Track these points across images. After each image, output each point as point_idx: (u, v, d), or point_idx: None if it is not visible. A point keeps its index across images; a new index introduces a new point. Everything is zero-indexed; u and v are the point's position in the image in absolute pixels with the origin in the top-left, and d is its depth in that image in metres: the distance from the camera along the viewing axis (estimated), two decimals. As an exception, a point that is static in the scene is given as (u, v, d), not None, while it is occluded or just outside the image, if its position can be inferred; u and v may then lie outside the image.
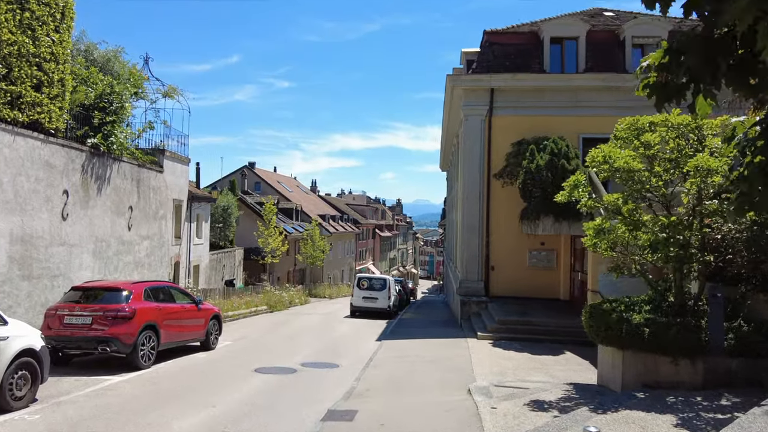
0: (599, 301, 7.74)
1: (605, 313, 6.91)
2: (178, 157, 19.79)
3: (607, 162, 6.64)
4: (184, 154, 20.37)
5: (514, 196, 15.43)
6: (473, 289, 15.84)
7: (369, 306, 19.68)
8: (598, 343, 7.23)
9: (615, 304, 7.17)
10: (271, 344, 12.00)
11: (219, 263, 24.92)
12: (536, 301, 15.38)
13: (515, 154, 15.32)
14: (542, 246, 16.02)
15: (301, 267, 39.26)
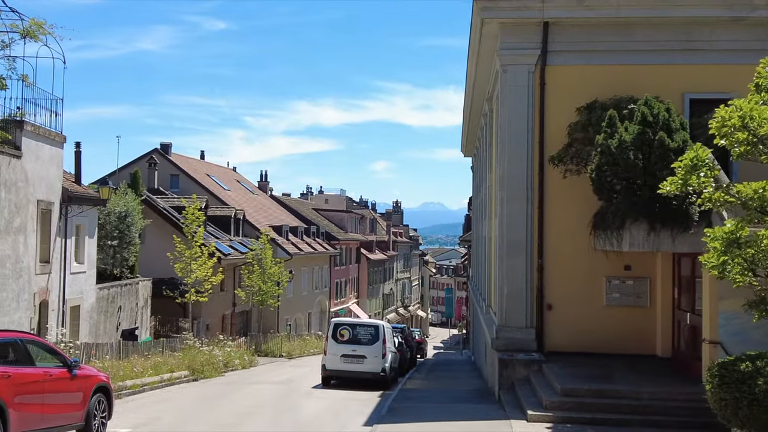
0: (731, 359, 7.36)
1: (746, 377, 6.53)
2: (45, 133, 19.43)
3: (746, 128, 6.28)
4: (55, 129, 20.01)
5: (582, 193, 15.04)
6: (519, 342, 15.46)
7: (352, 369, 19.34)
8: (735, 427, 6.85)
9: (762, 362, 6.80)
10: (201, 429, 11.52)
11: (112, 303, 24.45)
12: (619, 358, 15.00)
13: (584, 125, 14.99)
14: (628, 272, 15.65)
15: (243, 308, 38.90)
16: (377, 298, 70.06)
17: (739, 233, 6.79)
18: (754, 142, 6.53)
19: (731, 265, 6.92)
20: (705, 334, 12.52)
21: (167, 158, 44.98)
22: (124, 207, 25.89)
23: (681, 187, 7.08)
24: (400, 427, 12.40)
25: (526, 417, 12.09)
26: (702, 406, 12.06)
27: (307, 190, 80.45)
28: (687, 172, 6.97)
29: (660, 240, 12.79)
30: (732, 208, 7.34)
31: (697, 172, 6.92)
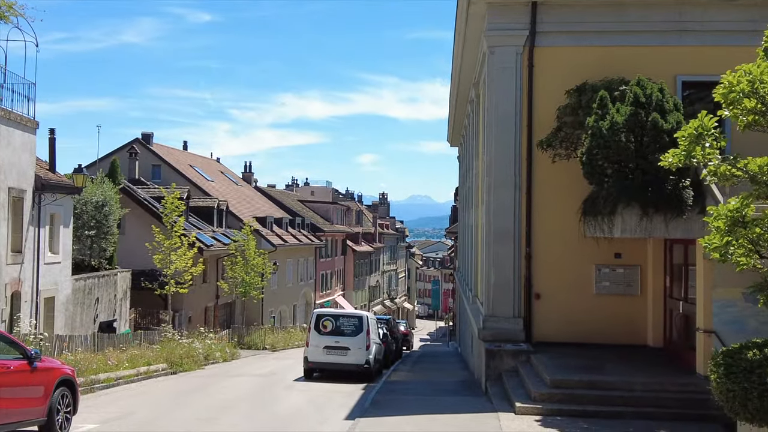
0: (736, 347, 6.89)
1: (755, 366, 6.06)
2: (17, 119, 18.73)
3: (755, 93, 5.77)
4: (28, 115, 19.32)
5: (571, 178, 14.71)
6: (506, 332, 15.12)
7: (335, 361, 18.89)
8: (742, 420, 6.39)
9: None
10: (173, 426, 11.07)
11: (89, 295, 23.79)
12: (609, 348, 14.74)
13: (573, 108, 14.59)
14: (618, 260, 15.39)
15: (227, 300, 38.32)
16: (363, 291, 69.59)
17: (744, 211, 6.30)
18: (763, 111, 6.02)
19: (735, 246, 6.42)
20: (699, 323, 12.17)
21: (149, 148, 44.16)
22: (102, 196, 25.17)
23: (684, 159, 6.58)
24: (383, 420, 11.92)
25: (514, 409, 11.76)
26: (696, 397, 11.76)
27: (293, 182, 79.77)
28: (691, 143, 6.46)
29: (653, 225, 12.37)
30: (736, 184, 6.82)
31: (702, 142, 6.41)
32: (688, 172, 12.37)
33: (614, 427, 10.63)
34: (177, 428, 11.16)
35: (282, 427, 11.36)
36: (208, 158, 57.16)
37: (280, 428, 11.28)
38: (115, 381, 16.19)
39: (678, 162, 6.68)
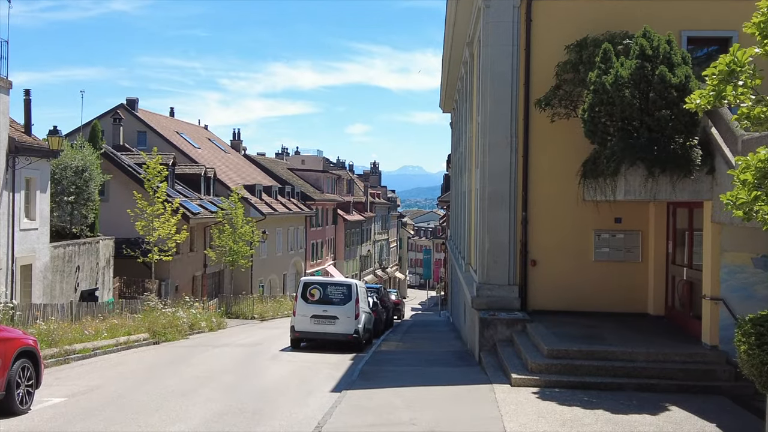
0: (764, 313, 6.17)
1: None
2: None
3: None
4: None
5: (571, 138, 14.14)
6: (501, 300, 14.58)
7: (323, 331, 18.25)
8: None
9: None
10: (138, 404, 10.29)
11: (69, 262, 22.98)
12: (608, 317, 14.30)
13: (574, 64, 13.89)
14: (618, 225, 14.89)
15: (215, 270, 37.61)
16: (354, 260, 68.97)
17: (777, 161, 5.51)
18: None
19: (763, 202, 5.65)
20: (705, 290, 11.54)
21: (134, 114, 43.01)
22: (82, 161, 24.22)
23: (713, 100, 5.77)
24: (371, 393, 11.27)
25: (510, 381, 11.18)
26: (702, 368, 11.16)
27: (283, 151, 78.62)
28: (721, 81, 5.64)
29: (659, 187, 11.63)
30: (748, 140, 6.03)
31: (734, 80, 5.60)
32: (696, 129, 11.66)
33: (616, 399, 10.04)
34: (148, 402, 10.43)
35: (262, 401, 10.65)
36: (196, 125, 56.00)
37: (259, 402, 10.57)
38: (92, 351, 15.44)
39: (706, 104, 5.87)
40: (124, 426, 8.89)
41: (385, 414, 9.45)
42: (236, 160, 53.87)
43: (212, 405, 10.24)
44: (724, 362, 11.10)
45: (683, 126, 11.49)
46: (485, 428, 8.57)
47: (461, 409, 9.72)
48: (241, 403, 10.42)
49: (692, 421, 9.01)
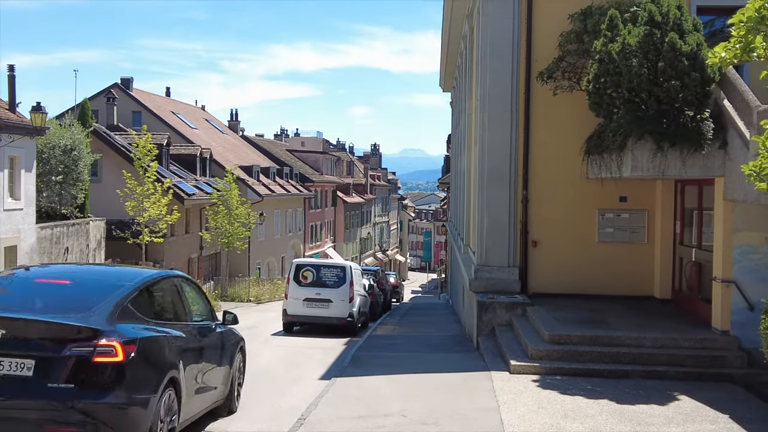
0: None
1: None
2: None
3: None
4: (-24, 46, 17.58)
5: (574, 113, 13.49)
6: (500, 282, 14.01)
7: (316, 314, 17.69)
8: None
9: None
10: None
11: (57, 244, 22.35)
12: (612, 300, 13.68)
13: (578, 34, 13.19)
14: (623, 203, 14.27)
15: (212, 252, 37.04)
16: (354, 242, 68.43)
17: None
18: None
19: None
20: (716, 271, 10.88)
21: (128, 93, 42.26)
22: (70, 140, 23.54)
23: (740, 53, 5.05)
24: (362, 380, 10.68)
25: (509, 368, 10.58)
26: (713, 354, 10.50)
27: (282, 132, 77.79)
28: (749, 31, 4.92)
29: (668, 162, 10.93)
30: None
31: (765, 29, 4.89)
32: (708, 101, 10.97)
33: (622, 388, 9.44)
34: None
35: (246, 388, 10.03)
36: (193, 105, 55.23)
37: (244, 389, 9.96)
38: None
39: (732, 57, 5.16)
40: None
41: (375, 404, 8.84)
42: (234, 140, 53.17)
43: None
44: (735, 348, 10.47)
45: (694, 97, 10.78)
46: (481, 420, 7.97)
47: (456, 399, 9.11)
48: (223, 392, 9.83)
49: (703, 412, 8.42)
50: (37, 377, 5.57)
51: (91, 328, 5.75)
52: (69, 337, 5.69)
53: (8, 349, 5.61)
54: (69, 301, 6.28)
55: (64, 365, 5.61)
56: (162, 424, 6.18)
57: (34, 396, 5.54)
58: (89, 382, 5.63)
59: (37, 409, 5.54)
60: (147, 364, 6.08)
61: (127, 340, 5.88)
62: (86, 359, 5.63)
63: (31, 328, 5.76)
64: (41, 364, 5.61)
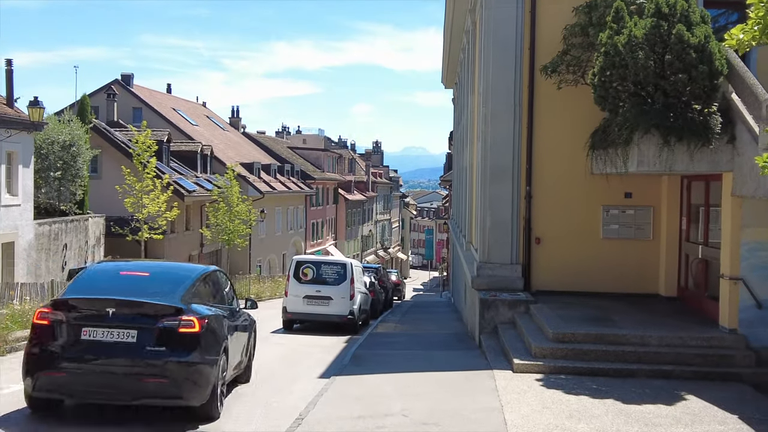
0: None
1: None
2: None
3: None
4: (-28, 40, 17.39)
5: (578, 107, 13.30)
6: (503, 280, 13.79)
7: (316, 312, 17.49)
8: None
9: None
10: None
11: (56, 240, 22.17)
12: (617, 298, 13.45)
13: (583, 27, 12.96)
14: (628, 200, 14.04)
15: (212, 249, 36.83)
16: (356, 240, 68.22)
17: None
18: None
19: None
20: (724, 268, 10.66)
21: (129, 90, 42.05)
22: (69, 135, 23.34)
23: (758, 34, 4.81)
24: (362, 379, 10.47)
25: (512, 366, 10.37)
26: (720, 353, 10.26)
27: (284, 129, 77.56)
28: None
29: (675, 157, 10.71)
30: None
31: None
32: (716, 94, 10.74)
33: (627, 387, 9.25)
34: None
35: (242, 388, 9.84)
36: (194, 102, 54.99)
37: (239, 389, 9.76)
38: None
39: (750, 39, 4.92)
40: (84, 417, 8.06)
41: (375, 404, 8.63)
42: (235, 137, 52.95)
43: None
44: (744, 347, 10.26)
45: (702, 91, 10.55)
46: (484, 421, 7.76)
47: (458, 399, 8.90)
48: (220, 390, 9.62)
49: (712, 412, 8.21)
50: (138, 342, 7.50)
51: (177, 307, 7.73)
52: (161, 314, 7.65)
53: (117, 323, 7.52)
54: (153, 288, 8.14)
55: (158, 334, 7.55)
56: (219, 382, 8.09)
57: (137, 356, 7.46)
58: (175, 346, 7.56)
59: (139, 366, 7.44)
60: (212, 335, 8.07)
61: (201, 317, 7.87)
62: (174, 330, 7.58)
63: (134, 307, 7.68)
64: (141, 333, 7.53)
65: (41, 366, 7.53)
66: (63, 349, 7.50)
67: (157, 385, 7.49)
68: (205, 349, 7.76)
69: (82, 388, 7.54)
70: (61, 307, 7.70)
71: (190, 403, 7.72)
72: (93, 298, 7.84)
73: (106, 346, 7.49)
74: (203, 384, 7.69)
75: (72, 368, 7.45)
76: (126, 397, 7.57)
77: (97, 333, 7.52)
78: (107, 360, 7.47)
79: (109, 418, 8.05)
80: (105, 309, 7.58)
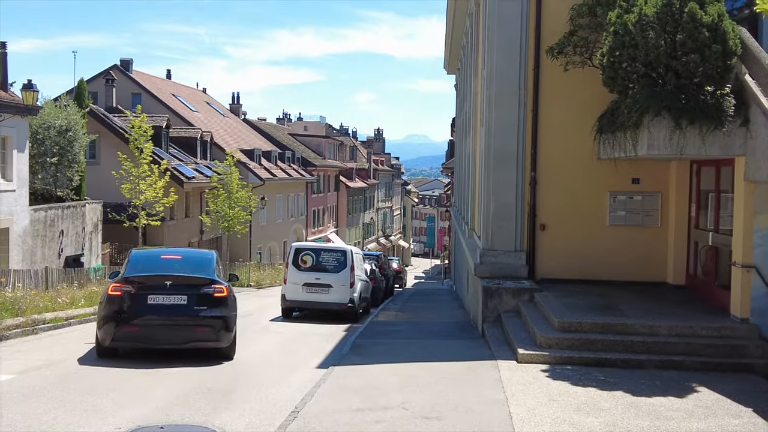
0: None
1: None
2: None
3: None
4: (-36, 21, 17.00)
5: (585, 90, 12.93)
6: (506, 267, 13.43)
7: (316, 300, 17.17)
8: None
9: None
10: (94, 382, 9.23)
11: (52, 227, 21.85)
12: (624, 286, 13.12)
13: (591, 6, 12.56)
14: (636, 185, 13.67)
15: (212, 236, 36.53)
16: (357, 228, 67.89)
17: None
18: None
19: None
20: (736, 256, 10.30)
21: (128, 75, 41.62)
22: (65, 120, 22.95)
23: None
24: (362, 369, 10.15)
25: (517, 357, 10.04)
26: (732, 343, 9.91)
27: (285, 116, 77.02)
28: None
29: (686, 141, 10.29)
30: None
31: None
32: (730, 75, 10.33)
33: (636, 378, 8.92)
34: (106, 380, 9.30)
35: (237, 379, 9.54)
36: (194, 88, 54.51)
37: (234, 380, 9.46)
38: (66, 321, 14.34)
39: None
40: (67, 410, 7.70)
41: (374, 396, 8.28)
42: (235, 124, 52.53)
43: (179, 384, 9.09)
44: (756, 337, 9.90)
45: (715, 71, 10.14)
46: (488, 414, 7.42)
47: (461, 391, 8.55)
48: (214, 382, 9.29)
49: (725, 405, 7.87)
50: (187, 304, 10.51)
51: (212, 279, 10.87)
52: (201, 284, 10.72)
53: (173, 291, 10.53)
54: (191, 266, 11.33)
55: (201, 297, 10.58)
56: (235, 328, 11.14)
57: (187, 313, 10.48)
58: (213, 306, 10.61)
59: (189, 318, 10.48)
60: (233, 298, 11.11)
61: (227, 286, 11.06)
62: (211, 295, 10.65)
63: (185, 280, 10.71)
64: (189, 297, 10.53)
65: (119, 323, 10.34)
66: (134, 311, 10.36)
67: (202, 332, 10.52)
68: (230, 307, 10.86)
69: (150, 337, 10.50)
70: (129, 283, 10.58)
71: (222, 345, 10.73)
72: (154, 275, 10.81)
73: (166, 307, 10.43)
74: (231, 330, 10.82)
75: (142, 323, 10.38)
76: (181, 341, 10.54)
77: (159, 298, 10.47)
78: (168, 317, 10.40)
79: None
80: (164, 282, 10.57)
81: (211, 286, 10.67)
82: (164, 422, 7.23)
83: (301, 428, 6.93)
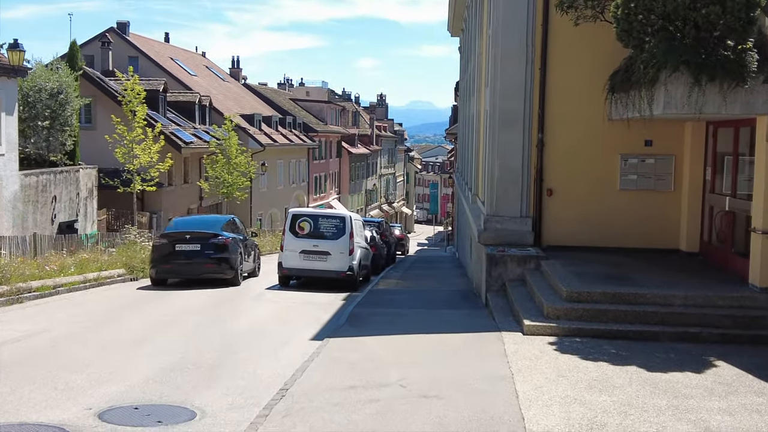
0: None
1: None
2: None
3: None
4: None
5: (597, 46, 12.25)
6: (512, 234, 12.88)
7: (314, 267, 16.65)
8: None
9: None
10: (70, 356, 8.69)
11: (44, 192, 21.27)
12: (635, 253, 12.57)
13: None
14: (648, 148, 13.03)
15: (212, 202, 35.98)
16: (360, 194, 67.23)
17: None
18: None
19: None
20: (756, 221, 9.70)
21: (124, 38, 40.61)
22: (57, 83, 22.24)
23: None
24: (357, 342, 9.63)
25: (522, 328, 9.52)
26: (751, 314, 9.33)
27: (286, 81, 75.83)
28: None
29: (705, 98, 9.62)
30: None
31: None
32: (753, 28, 9.60)
33: (650, 352, 8.42)
34: (85, 353, 8.78)
35: (226, 352, 9.01)
36: (192, 52, 53.46)
37: (223, 354, 8.92)
38: (53, 289, 13.83)
39: None
40: (36, 388, 7.15)
41: (370, 371, 7.73)
42: (235, 88, 51.60)
43: (164, 357, 8.56)
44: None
45: (737, 24, 9.40)
46: (492, 392, 6.87)
47: (463, 366, 8.02)
48: (201, 355, 8.76)
49: (746, 381, 7.35)
50: (201, 249, 15.96)
51: (216, 233, 16.38)
52: (209, 237, 16.16)
53: (189, 242, 15.93)
54: (204, 225, 17.19)
55: (210, 245, 16.04)
56: (239, 267, 16.60)
57: (201, 257, 16.02)
58: (218, 250, 16.13)
59: (202, 259, 15.98)
60: (234, 245, 16.47)
61: (228, 237, 16.43)
62: (217, 242, 16.12)
63: (198, 234, 16.22)
64: (202, 245, 15.94)
65: (161, 262, 16.06)
66: (169, 254, 15.97)
67: (211, 268, 15.99)
68: (231, 252, 16.24)
69: (178, 272, 16.23)
70: (165, 236, 16.34)
71: (227, 276, 16.21)
72: (178, 231, 16.45)
73: (187, 252, 15.92)
74: (232, 267, 16.25)
75: (174, 262, 15.98)
76: (197, 273, 16.09)
77: (182, 246, 15.87)
78: (188, 258, 15.95)
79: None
80: (185, 236, 16.04)
81: (217, 237, 16.10)
82: (141, 401, 6.69)
83: (288, 408, 6.39)
